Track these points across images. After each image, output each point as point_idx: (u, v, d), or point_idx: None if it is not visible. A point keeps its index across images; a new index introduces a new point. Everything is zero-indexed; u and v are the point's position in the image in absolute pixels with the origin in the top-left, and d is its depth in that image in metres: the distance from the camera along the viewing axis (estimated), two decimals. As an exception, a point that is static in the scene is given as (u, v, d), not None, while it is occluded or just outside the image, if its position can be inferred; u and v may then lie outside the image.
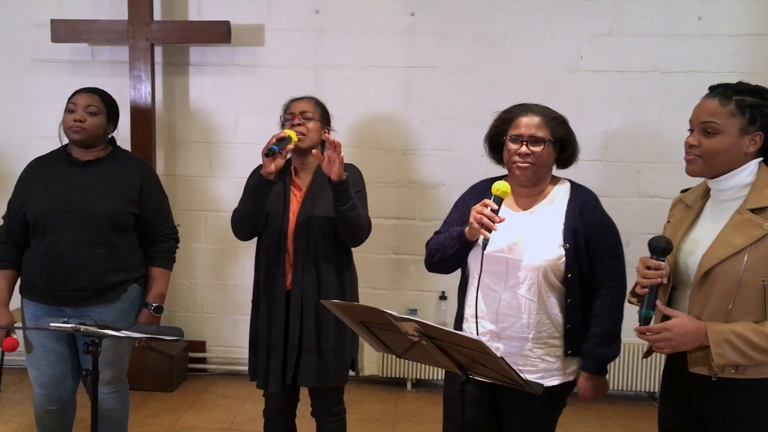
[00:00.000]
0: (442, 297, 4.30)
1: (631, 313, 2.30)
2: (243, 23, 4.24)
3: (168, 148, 4.43)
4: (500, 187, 2.11)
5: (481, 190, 2.34)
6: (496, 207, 2.09)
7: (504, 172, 2.37)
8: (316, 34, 4.26)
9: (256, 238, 2.75)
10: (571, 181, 2.34)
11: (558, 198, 2.28)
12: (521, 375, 1.80)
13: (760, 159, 1.92)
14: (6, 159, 4.17)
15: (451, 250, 2.26)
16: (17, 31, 4.38)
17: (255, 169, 2.68)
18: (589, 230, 2.22)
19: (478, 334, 2.17)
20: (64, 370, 2.77)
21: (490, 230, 2.07)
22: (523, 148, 2.19)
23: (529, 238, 2.19)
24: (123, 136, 4.19)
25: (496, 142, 2.32)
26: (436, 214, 4.15)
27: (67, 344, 2.77)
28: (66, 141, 2.80)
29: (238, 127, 4.36)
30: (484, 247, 2.09)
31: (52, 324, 2.25)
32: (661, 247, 1.91)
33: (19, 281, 2.77)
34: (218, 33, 4.14)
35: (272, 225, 2.66)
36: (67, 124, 2.72)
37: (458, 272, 2.41)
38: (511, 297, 2.19)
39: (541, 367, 2.21)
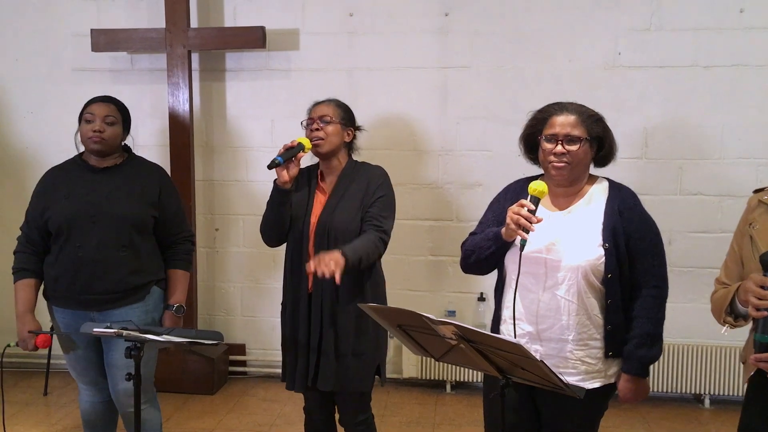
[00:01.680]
0: (481, 298, 4.27)
1: (674, 313, 2.26)
2: (277, 28, 4.27)
3: (206, 153, 4.48)
4: (537, 186, 2.08)
5: (517, 190, 2.32)
6: (533, 207, 2.06)
7: (540, 171, 2.34)
8: (350, 37, 4.26)
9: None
10: (609, 180, 2.30)
11: (596, 197, 2.24)
12: (562, 378, 1.77)
13: None
14: (47, 167, 4.27)
15: (487, 251, 2.24)
16: (58, 41, 4.48)
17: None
18: (629, 229, 2.17)
19: (516, 337, 2.15)
20: (98, 371, 2.85)
21: (527, 231, 2.04)
22: (559, 148, 2.15)
23: (568, 239, 2.16)
24: (161, 142, 4.29)
25: (532, 141, 2.29)
26: (473, 215, 4.12)
27: (93, 350, 2.82)
28: (82, 149, 2.85)
29: (275, 131, 4.39)
30: (521, 248, 2.07)
31: (95, 329, 2.29)
32: None
33: (42, 288, 2.82)
34: (253, 38, 4.17)
35: (295, 229, 2.68)
36: (86, 134, 2.75)
37: (496, 273, 2.39)
38: (550, 298, 2.16)
39: (582, 369, 2.17)
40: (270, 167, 2.50)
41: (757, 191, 2.06)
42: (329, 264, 2.32)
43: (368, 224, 2.61)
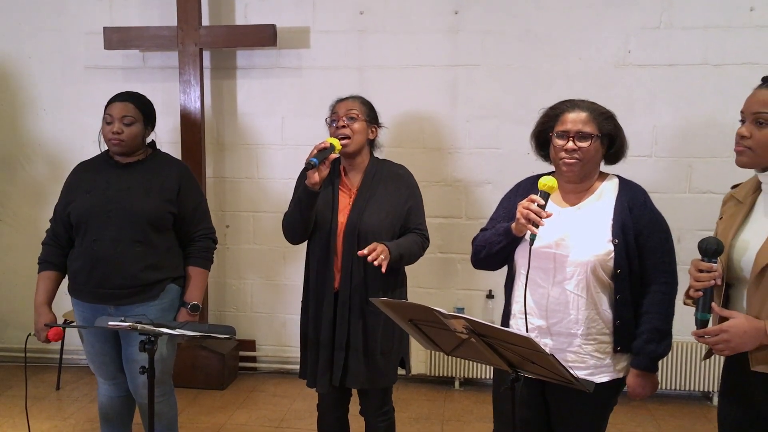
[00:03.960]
0: (490, 296, 4.28)
1: (682, 310, 2.27)
2: (288, 26, 4.29)
3: (217, 151, 4.51)
4: (547, 182, 2.11)
5: (528, 186, 2.33)
6: (543, 202, 2.09)
7: (551, 169, 2.36)
8: (361, 35, 4.28)
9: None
10: (619, 177, 2.31)
11: (606, 193, 2.25)
12: (572, 372, 1.79)
13: None
14: (61, 164, 4.31)
15: (497, 246, 2.26)
16: (71, 40, 4.52)
17: (303, 170, 2.71)
18: (639, 225, 2.19)
19: (527, 331, 2.17)
20: (117, 366, 2.88)
21: (537, 226, 2.06)
22: (570, 144, 2.17)
23: (577, 234, 2.18)
24: (173, 139, 4.31)
25: (543, 138, 2.30)
26: (482, 213, 4.14)
27: (111, 345, 2.85)
28: (105, 147, 2.87)
29: (285, 129, 4.41)
30: (531, 243, 2.09)
31: (110, 323, 2.31)
32: (711, 250, 1.88)
33: (67, 281, 2.87)
34: (264, 36, 4.19)
35: (321, 227, 2.67)
36: (106, 136, 2.78)
37: (505, 270, 2.41)
38: (559, 293, 2.18)
39: (591, 363, 2.19)
40: (307, 168, 2.47)
41: (734, 187, 2.11)
42: (380, 254, 2.46)
43: (410, 231, 2.73)
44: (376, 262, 2.46)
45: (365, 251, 2.47)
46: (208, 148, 4.43)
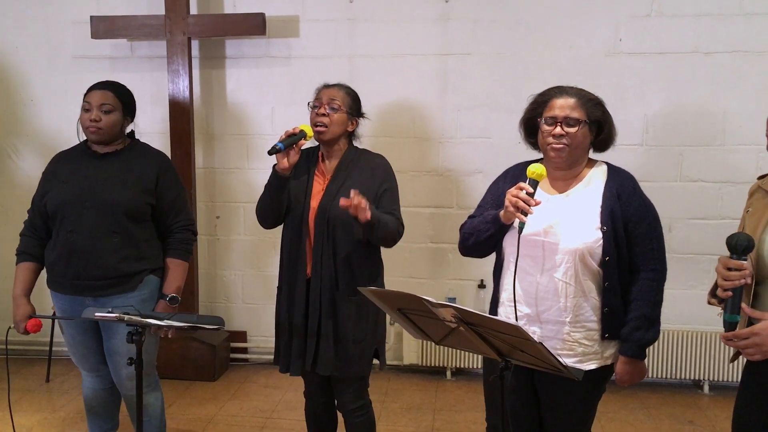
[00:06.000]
0: (481, 285, 4.28)
1: (671, 297, 2.27)
2: (278, 15, 4.26)
3: (206, 140, 4.48)
4: (535, 169, 2.10)
5: (516, 174, 2.32)
6: (531, 190, 2.08)
7: (540, 157, 2.35)
8: (351, 24, 4.25)
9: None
10: (608, 164, 2.31)
11: (595, 180, 2.25)
12: (561, 360, 1.78)
13: None
14: (48, 155, 4.26)
15: (486, 233, 2.25)
16: (58, 29, 4.47)
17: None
18: (628, 213, 2.18)
19: (517, 319, 2.16)
20: (99, 358, 2.86)
21: (525, 213, 2.05)
22: (558, 129, 2.16)
23: (566, 221, 2.17)
24: (162, 129, 4.29)
25: (532, 125, 2.29)
26: (473, 202, 4.07)
27: (92, 337, 2.82)
28: (84, 137, 2.83)
29: (275, 119, 4.39)
30: (520, 231, 2.08)
31: (96, 314, 2.29)
32: (741, 247, 1.78)
33: (45, 273, 2.82)
34: (253, 25, 4.16)
35: (294, 212, 2.66)
36: (84, 123, 2.74)
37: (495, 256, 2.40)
38: (547, 280, 2.17)
39: (579, 350, 2.19)
40: (271, 153, 2.48)
41: (761, 177, 2.05)
42: (361, 199, 2.38)
43: (385, 213, 2.66)
44: (362, 204, 2.37)
45: (344, 202, 2.39)
46: (197, 138, 4.40)
